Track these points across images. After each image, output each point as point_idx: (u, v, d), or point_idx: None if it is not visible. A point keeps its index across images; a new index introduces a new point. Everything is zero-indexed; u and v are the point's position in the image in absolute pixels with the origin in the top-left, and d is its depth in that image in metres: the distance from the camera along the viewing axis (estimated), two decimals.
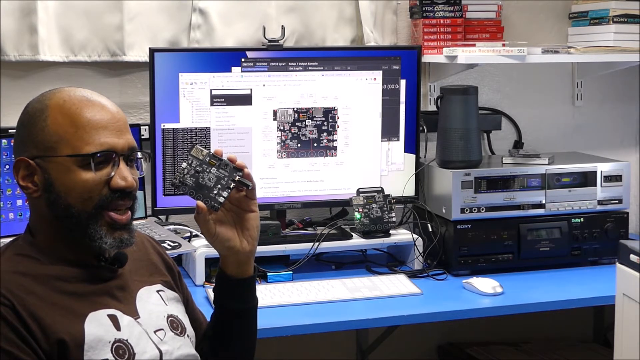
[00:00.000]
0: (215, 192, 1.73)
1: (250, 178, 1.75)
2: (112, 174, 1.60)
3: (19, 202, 2.42)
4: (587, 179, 2.76)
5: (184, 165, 1.74)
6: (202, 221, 1.74)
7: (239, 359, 1.86)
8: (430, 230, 2.69)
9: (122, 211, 1.63)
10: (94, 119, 1.61)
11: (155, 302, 1.71)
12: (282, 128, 2.67)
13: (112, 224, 1.61)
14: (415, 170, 2.78)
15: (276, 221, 2.66)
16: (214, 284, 2.25)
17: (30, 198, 1.64)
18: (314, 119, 2.69)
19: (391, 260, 2.74)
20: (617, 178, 2.78)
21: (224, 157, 1.75)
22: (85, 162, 1.58)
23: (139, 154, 1.69)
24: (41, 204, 1.62)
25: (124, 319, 1.62)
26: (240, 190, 1.75)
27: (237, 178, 1.73)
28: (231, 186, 1.73)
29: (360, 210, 2.65)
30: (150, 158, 1.74)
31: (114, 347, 1.57)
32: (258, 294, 1.86)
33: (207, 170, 1.74)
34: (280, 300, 2.35)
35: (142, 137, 2.68)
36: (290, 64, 2.66)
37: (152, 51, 2.55)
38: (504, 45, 2.85)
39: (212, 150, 1.76)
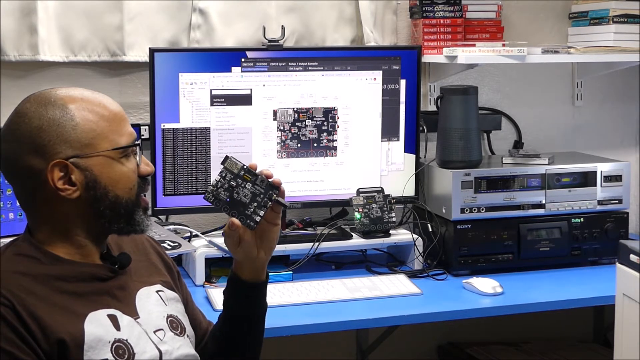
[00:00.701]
0: (252, 209, 1.67)
1: (284, 195, 1.72)
2: (139, 162, 1.67)
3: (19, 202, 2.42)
4: (587, 179, 2.76)
5: (218, 178, 1.69)
6: (232, 235, 1.73)
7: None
8: (430, 230, 2.69)
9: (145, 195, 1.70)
10: (117, 112, 1.66)
11: (154, 302, 1.71)
12: (282, 128, 2.67)
13: (145, 208, 1.69)
14: (415, 170, 2.78)
15: None
16: (214, 284, 2.25)
17: (58, 200, 1.59)
18: (314, 119, 2.69)
19: (391, 260, 2.74)
20: (617, 178, 2.78)
21: (258, 172, 1.70)
22: (125, 153, 1.64)
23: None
24: (77, 203, 1.60)
25: (124, 319, 1.62)
26: (276, 209, 1.71)
27: (275, 197, 1.68)
28: (268, 205, 1.68)
29: (360, 210, 2.65)
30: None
31: (113, 347, 1.57)
32: None
33: (242, 186, 1.68)
34: (280, 300, 2.35)
35: (142, 137, 2.68)
36: (290, 64, 2.66)
37: (152, 51, 2.55)
38: (504, 45, 2.85)
39: (246, 164, 1.70)
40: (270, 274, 2.47)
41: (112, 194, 1.62)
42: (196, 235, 2.61)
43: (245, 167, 1.70)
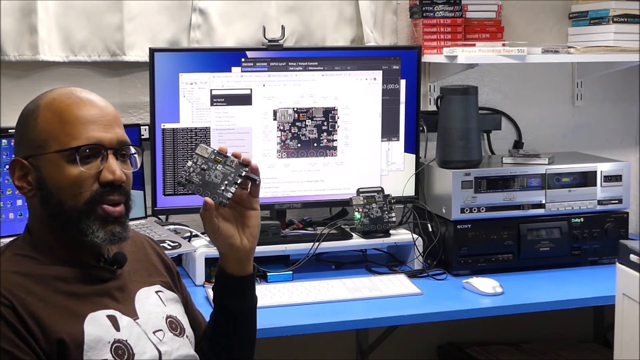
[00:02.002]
0: (223, 188, 1.73)
1: (258, 172, 1.75)
2: (101, 168, 1.60)
3: (19, 202, 2.42)
4: (587, 179, 2.76)
5: (190, 163, 1.75)
6: (208, 217, 1.74)
7: (239, 358, 1.86)
8: (430, 230, 2.69)
9: (115, 204, 1.62)
10: (81, 114, 1.61)
11: (154, 303, 1.71)
12: (282, 128, 2.67)
13: (104, 217, 1.60)
14: (415, 170, 2.78)
15: (276, 221, 2.66)
16: (214, 284, 2.25)
17: (26, 198, 1.65)
18: (314, 119, 2.69)
19: (391, 260, 2.74)
20: (617, 178, 2.78)
21: (229, 154, 1.75)
22: (73, 156, 1.58)
23: (132, 149, 1.68)
24: (36, 203, 1.62)
25: (123, 320, 1.62)
26: (245, 187, 1.75)
27: (244, 173, 1.74)
28: (238, 181, 1.73)
29: (360, 210, 2.65)
30: (143, 152, 1.73)
31: (113, 347, 1.57)
32: (258, 293, 1.86)
33: (213, 168, 1.74)
34: (280, 300, 2.35)
35: (142, 137, 2.68)
36: (290, 64, 2.66)
37: (152, 51, 2.55)
38: (504, 45, 2.85)
39: (216, 148, 1.76)
40: (270, 274, 2.51)
41: (55, 198, 1.59)
42: (196, 235, 2.61)
43: (215, 151, 1.75)
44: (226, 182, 1.73)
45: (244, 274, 1.80)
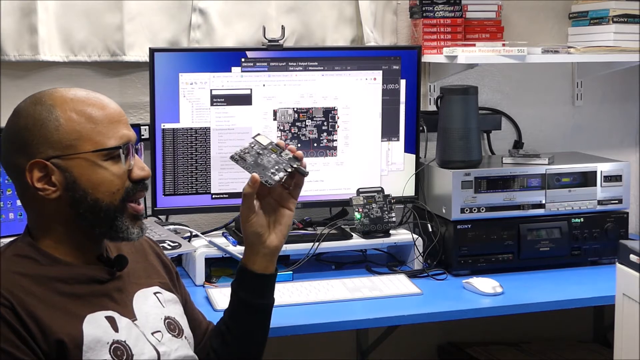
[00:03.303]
0: (272, 171, 1.79)
1: (306, 169, 1.82)
2: (132, 165, 1.64)
3: (19, 202, 2.41)
4: (587, 179, 2.76)
5: (246, 145, 1.83)
6: (249, 197, 1.78)
7: (249, 356, 1.87)
8: (430, 230, 2.69)
9: (138, 202, 1.67)
10: (109, 113, 1.63)
11: (152, 305, 1.71)
12: (282, 128, 2.67)
13: (134, 215, 1.65)
14: (415, 170, 2.78)
15: None
16: (214, 284, 2.25)
17: (40, 200, 1.61)
18: (314, 119, 2.69)
19: (391, 260, 2.74)
20: (617, 178, 2.78)
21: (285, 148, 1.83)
22: (110, 155, 1.61)
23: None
24: (59, 204, 1.61)
25: (122, 321, 1.62)
26: (293, 178, 1.81)
27: (296, 165, 1.80)
28: (288, 169, 1.80)
29: (360, 210, 2.65)
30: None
31: (112, 348, 1.57)
32: None
33: (268, 155, 1.82)
34: (280, 300, 2.34)
35: (142, 137, 2.69)
36: (290, 64, 2.66)
37: (152, 51, 2.55)
38: (504, 45, 2.85)
39: (275, 141, 1.84)
40: None
41: (91, 197, 1.60)
42: (196, 235, 2.61)
43: (273, 142, 1.84)
44: (277, 167, 1.80)
45: (267, 272, 1.82)
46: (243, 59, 2.62)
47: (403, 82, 2.74)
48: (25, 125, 1.61)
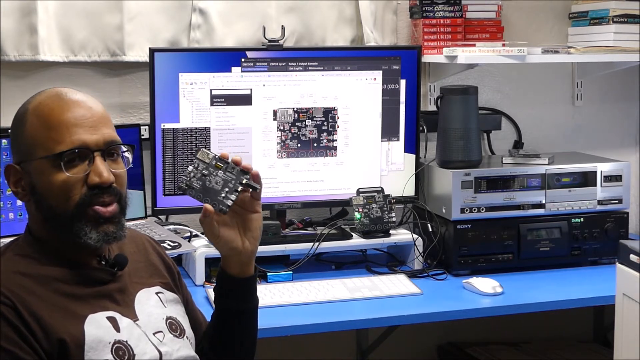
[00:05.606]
0: (223, 195, 1.72)
1: (259, 180, 1.75)
2: (88, 171, 1.59)
3: (19, 202, 2.42)
4: (587, 179, 2.76)
5: (190, 168, 1.74)
6: (208, 224, 1.73)
7: (240, 358, 1.86)
8: (430, 230, 2.69)
9: (106, 204, 1.61)
10: (65, 117, 1.59)
11: (154, 305, 1.71)
12: (282, 128, 2.67)
13: (96, 218, 1.60)
14: (415, 170, 2.78)
15: (276, 221, 2.66)
16: (214, 284, 2.25)
17: (23, 201, 1.65)
18: (314, 119, 2.69)
19: (391, 260, 2.74)
20: (617, 178, 2.78)
21: (230, 160, 1.75)
22: (58, 162, 1.57)
23: (123, 147, 1.66)
24: (31, 207, 1.63)
25: (123, 321, 1.62)
26: (247, 192, 1.74)
27: (245, 181, 1.73)
28: (239, 189, 1.72)
29: (360, 210, 2.65)
30: (134, 150, 1.70)
31: (114, 348, 1.57)
32: (258, 294, 1.86)
33: (214, 174, 1.73)
34: (280, 300, 2.35)
35: (142, 137, 2.68)
36: (290, 64, 2.66)
37: (152, 51, 2.55)
38: (504, 45, 2.86)
39: (218, 154, 1.75)
40: (270, 274, 2.51)
41: (45, 203, 1.59)
42: (196, 235, 2.61)
43: (216, 156, 1.74)
44: (227, 189, 1.73)
45: (246, 276, 1.80)
46: (243, 59, 2.62)
47: (403, 82, 2.74)
48: (11, 127, 1.66)
